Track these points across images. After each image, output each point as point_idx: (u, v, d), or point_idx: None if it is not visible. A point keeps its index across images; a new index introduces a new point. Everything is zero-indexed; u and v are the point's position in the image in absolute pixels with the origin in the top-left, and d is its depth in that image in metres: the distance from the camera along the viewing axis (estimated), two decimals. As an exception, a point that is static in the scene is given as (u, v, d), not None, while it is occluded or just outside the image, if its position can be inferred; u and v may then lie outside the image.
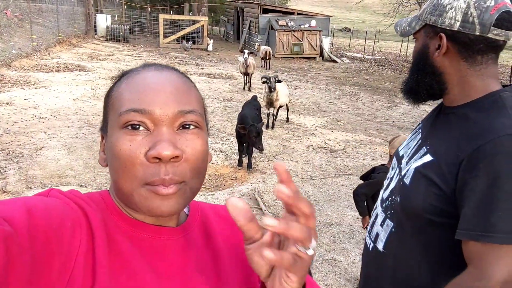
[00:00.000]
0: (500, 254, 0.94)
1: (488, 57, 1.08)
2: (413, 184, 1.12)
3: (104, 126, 0.69)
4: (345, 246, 3.71)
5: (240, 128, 5.03)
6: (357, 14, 51.35)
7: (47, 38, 14.05)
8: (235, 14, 24.12)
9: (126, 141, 0.61)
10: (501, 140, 0.95)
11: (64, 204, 0.59)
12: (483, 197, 0.95)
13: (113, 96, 0.67)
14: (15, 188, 4.30)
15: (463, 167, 0.98)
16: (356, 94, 11.47)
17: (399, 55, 20.66)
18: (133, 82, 0.66)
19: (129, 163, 0.61)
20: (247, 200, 4.46)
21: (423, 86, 1.18)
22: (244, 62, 10.33)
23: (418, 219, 1.10)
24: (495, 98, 1.06)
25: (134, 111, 0.62)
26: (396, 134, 7.63)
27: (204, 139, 0.67)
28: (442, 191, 1.03)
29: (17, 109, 6.97)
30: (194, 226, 0.74)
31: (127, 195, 0.63)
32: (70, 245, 0.55)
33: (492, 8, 1.03)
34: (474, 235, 0.97)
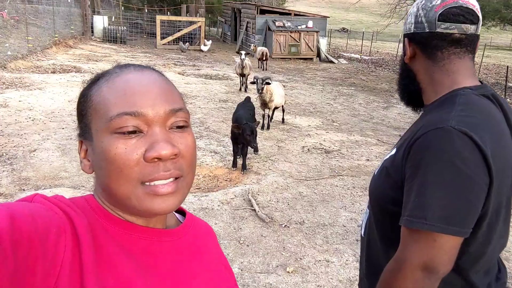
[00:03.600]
0: (415, 238, 0.99)
1: (449, 52, 1.13)
2: (377, 175, 1.22)
3: (83, 133, 0.68)
4: (338, 247, 3.70)
5: (234, 127, 5.02)
6: (355, 14, 51.40)
7: (43, 40, 14.02)
8: (232, 15, 24.12)
9: (121, 144, 0.61)
10: (429, 133, 1.01)
11: (48, 209, 0.59)
12: (408, 186, 1.02)
13: (95, 100, 0.66)
14: (7, 190, 4.29)
15: (405, 159, 1.06)
16: (353, 95, 11.47)
17: (396, 55, 20.69)
18: (116, 85, 0.65)
19: (125, 166, 0.61)
20: (241, 201, 4.45)
21: (404, 88, 1.28)
22: (240, 63, 10.32)
23: (379, 207, 1.19)
24: (453, 94, 1.11)
25: (126, 115, 0.62)
26: (392, 134, 7.64)
27: (193, 135, 0.69)
28: (395, 181, 1.10)
29: (12, 111, 6.95)
30: (187, 234, 0.76)
31: (123, 199, 0.64)
32: (55, 251, 0.55)
33: (437, 6, 1.11)
34: (400, 220, 1.03)
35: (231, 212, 4.20)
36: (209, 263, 0.76)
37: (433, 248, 0.97)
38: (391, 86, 13.28)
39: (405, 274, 1.00)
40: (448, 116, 1.02)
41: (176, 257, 0.70)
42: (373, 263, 1.25)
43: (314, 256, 3.54)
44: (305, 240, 3.79)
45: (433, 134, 1.00)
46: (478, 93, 1.09)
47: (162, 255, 0.68)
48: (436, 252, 0.97)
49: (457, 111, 1.03)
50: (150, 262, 0.66)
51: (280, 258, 3.48)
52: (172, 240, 0.71)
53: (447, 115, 1.02)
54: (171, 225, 0.76)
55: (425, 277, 0.98)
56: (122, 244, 0.64)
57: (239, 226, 3.95)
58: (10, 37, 12.68)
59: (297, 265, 3.39)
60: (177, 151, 0.63)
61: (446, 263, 0.98)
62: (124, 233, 0.65)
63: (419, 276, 0.98)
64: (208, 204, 4.31)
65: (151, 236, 0.68)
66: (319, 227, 4.04)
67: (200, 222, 0.83)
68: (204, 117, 7.82)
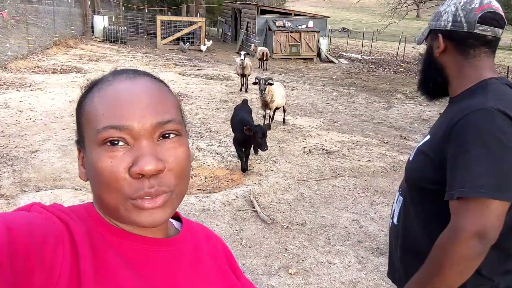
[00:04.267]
0: (469, 207, 1.09)
1: (480, 51, 1.28)
2: (414, 159, 1.34)
3: (80, 140, 0.67)
4: (340, 249, 3.70)
5: (246, 130, 4.87)
6: (355, 14, 51.37)
7: (44, 40, 14.01)
8: (233, 15, 24.10)
9: (107, 158, 0.61)
10: (471, 114, 1.14)
11: (46, 218, 0.58)
12: (455, 160, 1.14)
13: (87, 110, 0.65)
14: (8, 192, 4.28)
15: (446, 139, 1.18)
16: (353, 95, 11.46)
17: (396, 55, 20.67)
18: (106, 95, 0.64)
19: (112, 180, 0.61)
20: (242, 203, 4.44)
21: (430, 80, 1.40)
22: (240, 63, 10.31)
23: (418, 189, 1.30)
24: (483, 84, 1.25)
25: (112, 128, 0.61)
26: (393, 135, 7.63)
27: (185, 145, 0.67)
28: (434, 161, 1.22)
29: (12, 112, 6.94)
30: (185, 242, 0.75)
31: (113, 209, 0.63)
32: (52, 260, 0.54)
33: (476, 9, 1.24)
34: (449, 194, 1.13)
35: (232, 214, 4.20)
36: (208, 270, 0.75)
37: (486, 214, 1.07)
38: (391, 86, 13.27)
39: (461, 241, 1.08)
40: (485, 99, 1.16)
41: (175, 267, 0.70)
42: (409, 246, 1.35)
43: (316, 257, 3.53)
44: (307, 241, 3.78)
45: (474, 114, 1.13)
46: (501, 82, 1.26)
47: (161, 265, 0.67)
48: (489, 217, 1.07)
49: (491, 95, 1.18)
50: (148, 272, 0.65)
51: (282, 259, 3.47)
52: (171, 249, 0.71)
53: (484, 99, 1.17)
54: (170, 233, 0.76)
55: (479, 243, 1.07)
56: (120, 253, 0.64)
57: (241, 228, 3.94)
58: (10, 37, 12.67)
59: (299, 267, 3.38)
60: (162, 166, 0.61)
61: (496, 228, 1.07)
62: (122, 242, 0.65)
63: (474, 242, 1.07)
64: (210, 205, 4.30)
65: (150, 245, 0.68)
66: (321, 229, 4.03)
67: (196, 226, 0.82)
68: (205, 118, 7.81)
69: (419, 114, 9.63)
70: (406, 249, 1.37)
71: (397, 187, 5.02)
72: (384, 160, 6.13)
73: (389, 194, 4.90)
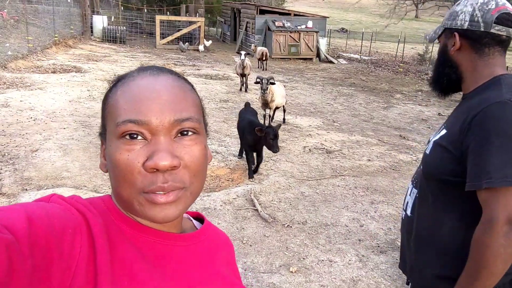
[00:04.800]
0: (498, 197, 1.14)
1: (494, 50, 1.34)
2: (431, 152, 1.38)
3: (103, 132, 0.69)
4: (340, 247, 3.72)
5: (258, 130, 4.73)
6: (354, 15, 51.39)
7: (43, 39, 14.00)
8: (232, 15, 24.10)
9: (124, 151, 0.62)
10: (489, 107, 1.19)
11: (65, 210, 0.59)
12: (477, 152, 1.18)
13: (110, 103, 0.67)
14: (10, 190, 4.29)
15: (465, 133, 1.23)
16: (353, 95, 11.49)
17: (395, 56, 20.71)
18: (128, 90, 0.65)
19: (127, 173, 0.62)
20: (243, 201, 4.46)
21: (444, 77, 1.44)
22: (240, 63, 10.32)
23: (437, 181, 1.34)
24: (495, 79, 1.31)
25: (130, 122, 0.62)
26: (392, 134, 7.66)
27: (202, 144, 0.68)
28: (453, 154, 1.27)
29: (13, 111, 6.94)
30: (202, 240, 0.76)
31: (127, 202, 0.65)
32: (70, 252, 0.55)
33: (493, 10, 1.31)
34: (477, 185, 1.17)
35: (233, 212, 4.21)
36: (221, 272, 0.76)
37: None
38: (391, 86, 13.30)
39: (496, 231, 1.12)
40: (500, 93, 1.22)
41: (190, 263, 0.71)
42: (424, 237, 1.40)
43: (317, 256, 3.55)
44: (308, 240, 3.80)
45: (492, 107, 1.19)
46: None
47: (175, 259, 0.68)
48: None
49: (505, 89, 1.24)
50: (164, 266, 0.66)
51: (283, 258, 3.49)
52: (187, 245, 0.72)
53: (499, 92, 1.23)
54: (186, 229, 0.77)
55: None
56: (137, 246, 0.65)
57: (242, 226, 3.96)
58: (10, 37, 12.67)
59: (300, 265, 3.40)
60: (177, 163, 0.62)
61: None
62: (139, 235, 0.66)
63: (508, 229, 1.12)
64: (211, 204, 4.32)
65: (166, 239, 0.69)
66: (321, 227, 4.05)
67: (217, 231, 0.83)
68: (207, 116, 7.81)
69: (418, 114, 9.66)
70: (420, 238, 1.41)
71: (397, 186, 5.04)
72: (384, 160, 6.15)
73: (389, 193, 4.93)
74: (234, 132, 7.01)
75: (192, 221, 0.82)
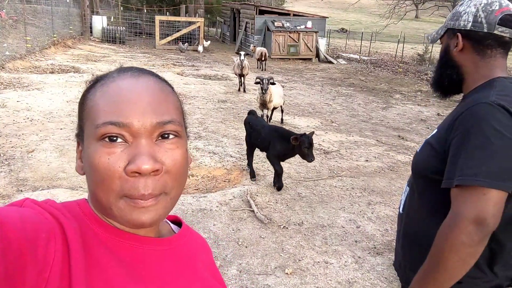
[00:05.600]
0: (467, 195, 1.13)
1: (496, 51, 1.33)
2: (420, 150, 1.40)
3: (80, 134, 0.67)
4: (337, 249, 3.69)
5: (293, 139, 4.42)
6: (354, 15, 51.39)
7: (42, 40, 13.99)
8: (232, 15, 24.10)
9: (104, 154, 0.60)
10: (474, 107, 1.20)
11: (38, 214, 0.58)
12: (455, 150, 1.19)
13: (88, 104, 0.65)
14: (5, 191, 4.26)
15: (449, 132, 1.24)
16: (352, 95, 11.46)
17: (395, 56, 20.69)
18: (108, 91, 0.64)
19: (107, 177, 0.60)
20: (239, 202, 4.43)
21: (446, 78, 1.43)
22: (239, 63, 10.29)
23: (423, 178, 1.35)
24: (490, 81, 1.30)
25: (111, 124, 0.60)
26: (390, 135, 7.63)
27: (183, 148, 0.67)
28: (438, 153, 1.27)
29: (10, 111, 6.92)
30: (181, 245, 0.75)
31: (105, 207, 0.63)
32: (44, 256, 0.54)
33: (496, 11, 1.30)
34: (448, 182, 1.18)
35: (229, 213, 4.19)
36: (201, 276, 0.75)
37: (483, 202, 1.10)
38: (390, 86, 13.27)
39: (460, 227, 1.12)
40: (488, 94, 1.22)
41: (167, 267, 0.69)
42: (410, 234, 1.42)
43: (313, 257, 3.53)
44: (304, 241, 3.78)
45: (476, 107, 1.19)
46: (509, 81, 1.31)
47: (153, 264, 0.67)
48: (486, 205, 1.10)
49: (495, 92, 1.23)
50: (140, 270, 0.65)
51: (278, 259, 3.46)
52: (164, 249, 0.70)
53: (487, 94, 1.23)
54: (163, 234, 0.76)
55: (477, 230, 1.10)
56: (112, 251, 0.63)
57: (238, 227, 3.93)
58: (8, 37, 12.64)
59: (295, 267, 3.37)
60: (159, 167, 0.61)
61: (495, 216, 1.10)
62: (115, 239, 0.65)
63: (472, 229, 1.10)
64: (207, 205, 4.29)
65: (143, 244, 0.67)
66: (318, 228, 4.02)
67: (195, 235, 0.82)
68: (202, 118, 7.80)
69: (417, 114, 9.63)
70: (406, 235, 1.43)
71: (394, 187, 5.04)
72: (382, 160, 6.13)
73: (386, 194, 4.90)
74: (232, 132, 6.99)
75: (170, 225, 0.81)
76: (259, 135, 4.97)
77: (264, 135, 4.90)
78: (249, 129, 5.22)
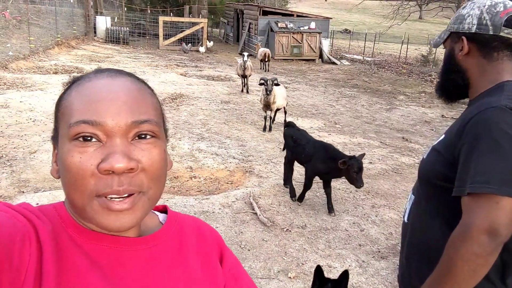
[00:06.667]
0: (479, 203, 1.08)
1: (503, 54, 1.28)
2: (427, 157, 1.34)
3: (55, 136, 0.66)
4: (340, 252, 3.65)
5: (341, 164, 3.96)
6: (358, 16, 51.30)
7: (45, 40, 14.01)
8: (235, 16, 24.09)
9: (77, 153, 0.59)
10: (484, 112, 1.15)
11: (11, 217, 0.57)
12: (466, 156, 1.14)
13: (63, 104, 0.64)
14: (6, 192, 4.25)
15: (459, 138, 1.18)
16: (355, 97, 11.41)
17: (399, 57, 20.61)
18: (84, 91, 0.62)
19: (79, 176, 0.59)
20: (242, 205, 4.40)
21: (451, 83, 1.38)
22: (243, 64, 10.26)
23: (430, 185, 1.30)
24: (500, 85, 1.26)
25: (84, 123, 0.59)
26: (394, 137, 7.58)
27: (161, 148, 0.65)
28: (446, 159, 1.22)
29: (12, 112, 6.92)
30: (166, 239, 0.71)
31: (79, 209, 0.61)
32: (20, 260, 0.53)
33: (501, 12, 1.26)
34: (459, 190, 1.13)
35: (232, 216, 4.15)
36: (192, 269, 0.71)
37: (496, 210, 1.05)
38: (394, 87, 13.21)
39: (471, 237, 1.06)
40: (498, 99, 1.17)
41: (150, 266, 0.66)
42: (415, 243, 1.36)
43: (316, 261, 3.48)
44: (307, 244, 3.74)
45: (487, 112, 1.14)
46: None
47: (134, 265, 0.65)
48: (499, 214, 1.05)
49: (505, 95, 1.18)
50: (118, 273, 0.63)
51: (281, 263, 3.43)
52: (148, 247, 0.68)
53: (498, 98, 1.18)
54: (151, 228, 0.72)
55: (490, 240, 1.05)
56: (88, 254, 0.62)
57: (240, 230, 3.90)
58: (12, 37, 12.67)
59: (298, 271, 3.34)
60: (134, 165, 0.59)
61: (508, 225, 1.05)
62: (91, 242, 0.63)
63: (484, 239, 1.05)
64: (209, 207, 4.26)
65: (121, 245, 0.65)
66: (321, 231, 3.98)
67: (187, 221, 0.78)
68: (205, 119, 7.77)
69: (421, 116, 9.57)
70: (411, 245, 1.38)
71: (399, 189, 4.96)
72: (386, 163, 6.08)
73: (390, 197, 4.85)
74: (235, 134, 6.96)
75: (158, 216, 0.77)
76: (303, 150, 4.58)
77: (309, 150, 4.51)
78: (291, 143, 4.79)
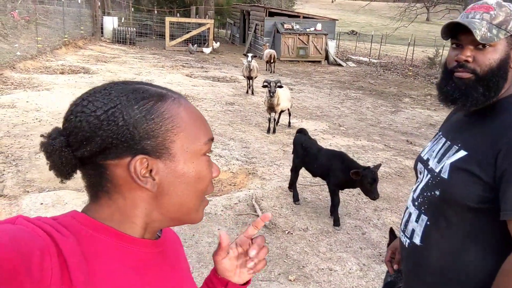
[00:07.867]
0: None
1: None
2: (452, 177, 1.20)
3: (156, 151, 0.66)
4: (341, 255, 3.65)
5: (353, 174, 3.86)
6: (364, 17, 51.17)
7: (53, 40, 14.13)
8: (241, 17, 24.14)
9: (208, 165, 0.72)
10: None
11: (31, 231, 0.59)
12: None
13: (177, 122, 0.67)
14: (12, 192, 4.30)
15: (502, 156, 1.08)
16: (360, 99, 11.39)
17: (405, 59, 20.53)
18: (192, 112, 0.72)
19: (206, 184, 0.72)
20: (244, 207, 4.42)
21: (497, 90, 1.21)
22: (247, 65, 10.28)
23: (461, 208, 1.19)
24: None
25: (211, 140, 0.73)
26: (399, 140, 7.56)
27: None
28: (482, 179, 1.13)
29: (19, 112, 6.99)
30: (167, 243, 0.80)
31: (192, 210, 0.72)
32: (41, 275, 0.55)
33: None
34: (509, 214, 1.06)
35: (234, 218, 4.17)
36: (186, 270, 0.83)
37: None
38: (399, 90, 13.17)
39: None
40: None
41: (165, 267, 0.74)
42: (443, 269, 1.26)
43: (317, 264, 3.50)
44: (308, 247, 3.75)
45: None
46: None
47: (156, 265, 0.71)
48: None
49: None
50: (146, 272, 0.68)
51: (282, 265, 3.44)
52: (160, 250, 0.75)
53: None
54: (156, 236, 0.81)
55: None
56: (116, 257, 0.66)
57: (242, 232, 3.91)
58: (20, 37, 12.79)
59: (299, 273, 3.35)
60: None
61: None
62: (117, 244, 0.67)
63: None
64: (212, 209, 4.28)
65: (145, 246, 0.71)
66: (322, 234, 3.99)
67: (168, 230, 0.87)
68: (210, 120, 7.80)
69: (427, 119, 9.54)
70: (439, 271, 1.27)
71: (401, 193, 4.91)
72: (389, 166, 6.07)
73: (393, 200, 4.85)
74: (239, 135, 6.98)
75: None
76: (314, 160, 4.48)
77: (322, 160, 4.42)
78: (301, 151, 4.70)
